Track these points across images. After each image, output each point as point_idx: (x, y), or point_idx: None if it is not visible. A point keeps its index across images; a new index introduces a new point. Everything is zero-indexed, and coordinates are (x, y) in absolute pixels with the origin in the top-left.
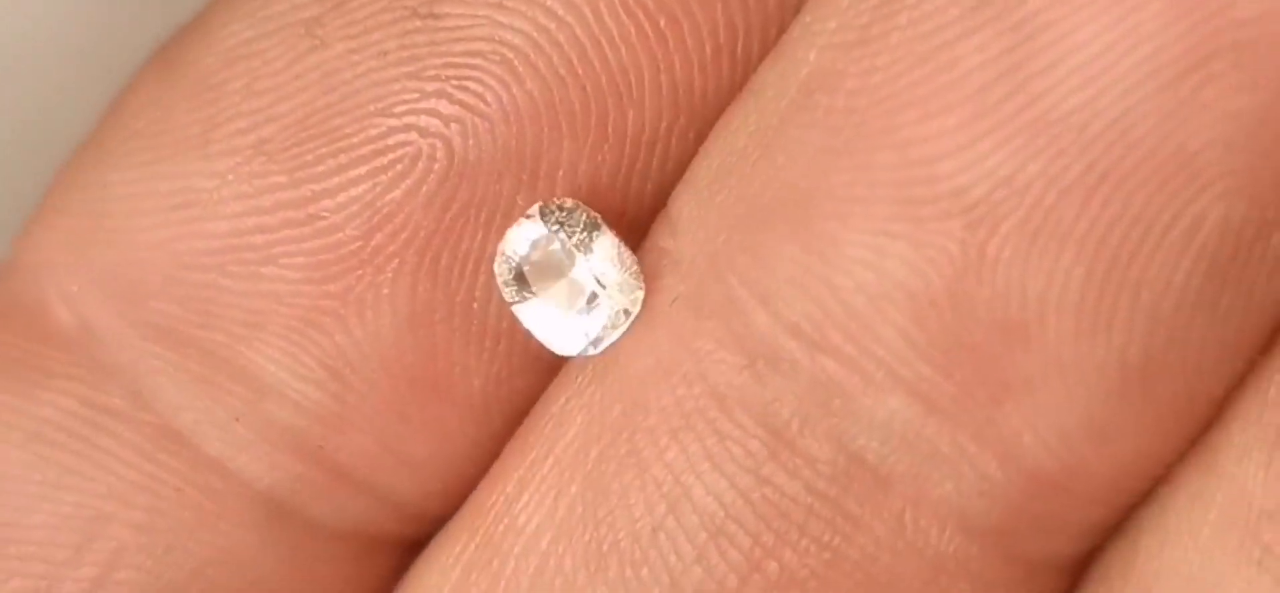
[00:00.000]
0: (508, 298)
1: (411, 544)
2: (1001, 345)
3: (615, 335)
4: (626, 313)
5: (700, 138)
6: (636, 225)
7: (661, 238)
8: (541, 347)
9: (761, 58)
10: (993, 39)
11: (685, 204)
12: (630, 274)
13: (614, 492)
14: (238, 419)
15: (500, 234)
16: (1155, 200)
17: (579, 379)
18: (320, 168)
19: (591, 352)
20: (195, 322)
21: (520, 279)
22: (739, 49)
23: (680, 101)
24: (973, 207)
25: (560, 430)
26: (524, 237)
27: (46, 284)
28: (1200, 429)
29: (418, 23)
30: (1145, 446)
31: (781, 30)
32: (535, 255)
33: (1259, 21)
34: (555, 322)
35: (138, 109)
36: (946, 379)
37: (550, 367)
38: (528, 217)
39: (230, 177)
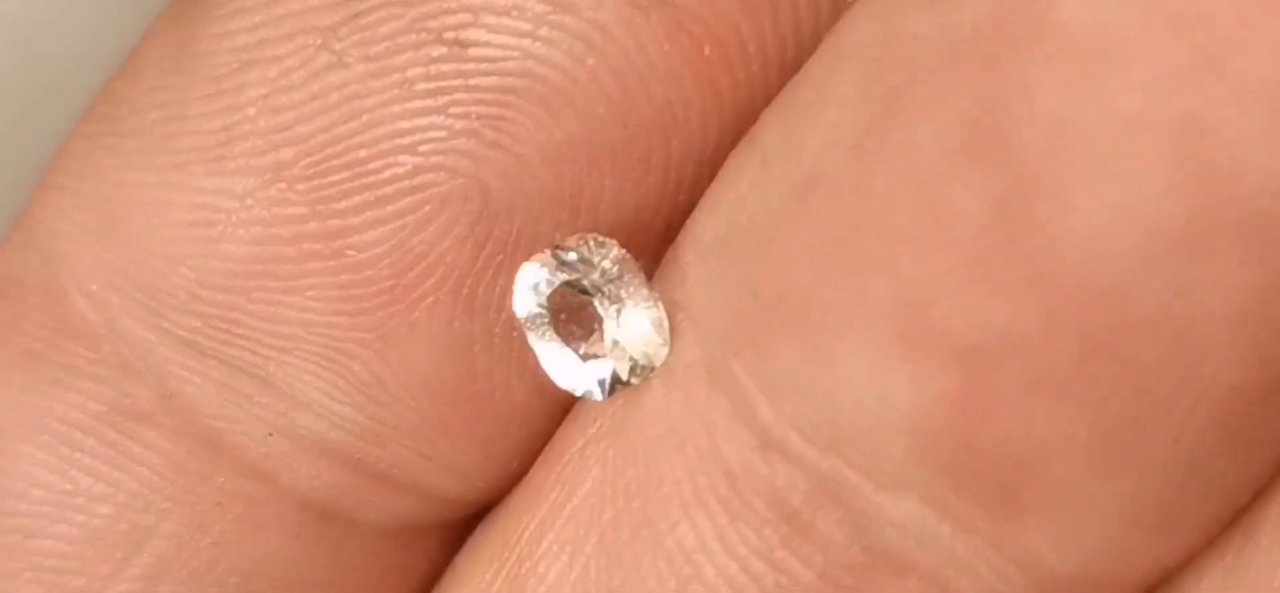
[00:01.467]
0: (526, 333)
1: (455, 525)
2: (1011, 476)
3: (629, 383)
4: (647, 365)
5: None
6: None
7: (672, 287)
8: None
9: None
10: (989, 181)
11: (693, 262)
12: (658, 328)
13: (628, 561)
14: (272, 433)
15: None
16: (1158, 368)
17: (598, 423)
18: (344, 204)
19: (599, 396)
20: (221, 339)
21: (537, 316)
22: (789, 57)
23: (727, 122)
24: (968, 354)
25: (578, 478)
26: (538, 280)
27: (65, 275)
28: (1217, 536)
29: (443, 50)
30: (1163, 560)
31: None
32: (554, 296)
33: (1263, 196)
34: (568, 362)
35: (150, 99)
36: (958, 494)
37: None
38: (552, 253)
39: (249, 200)
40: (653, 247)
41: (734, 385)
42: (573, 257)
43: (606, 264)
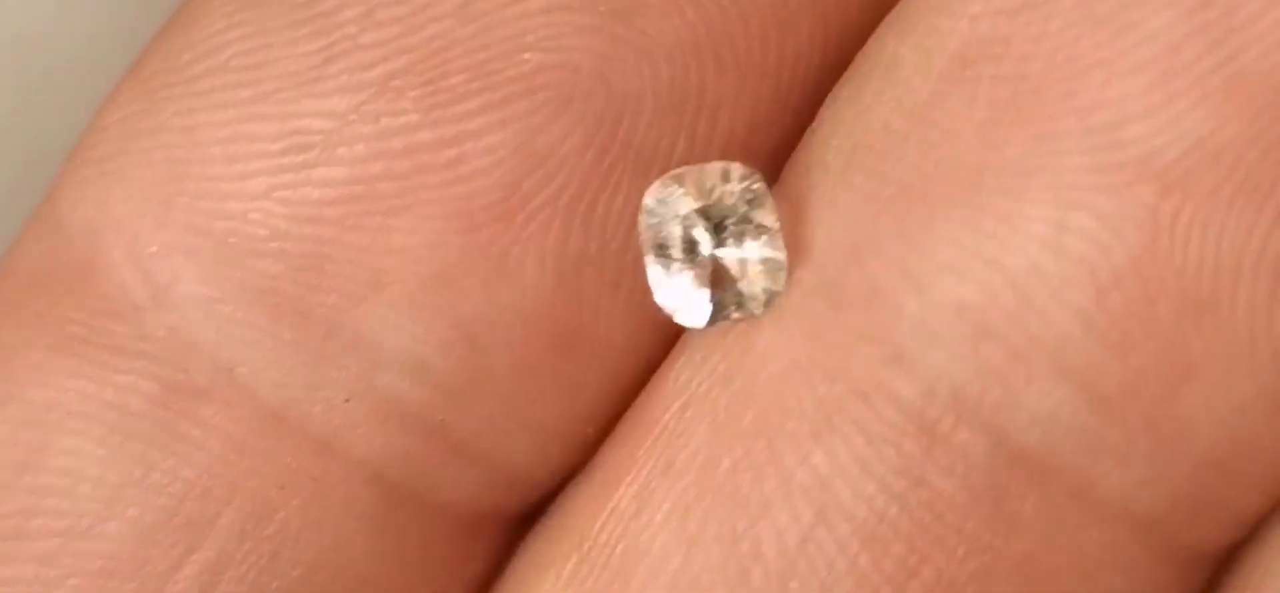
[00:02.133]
0: (648, 265)
1: (518, 518)
2: (1189, 319)
3: (745, 315)
4: (765, 295)
5: (840, 72)
6: (782, 164)
7: (788, 213)
8: None
9: None
10: None
11: (812, 186)
12: (781, 257)
13: (754, 502)
14: (349, 399)
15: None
16: None
17: (696, 383)
18: (462, 107)
19: (715, 320)
20: (306, 283)
21: (659, 238)
22: None
23: (831, 37)
24: (1166, 170)
25: (679, 441)
26: (665, 200)
27: (110, 245)
28: None
29: None
30: None
31: None
32: (679, 219)
33: None
34: (687, 293)
35: (219, 42)
36: (1122, 365)
37: (681, 332)
38: (678, 175)
39: (352, 117)
40: (762, 167)
41: (870, 292)
42: (707, 182)
43: (735, 190)
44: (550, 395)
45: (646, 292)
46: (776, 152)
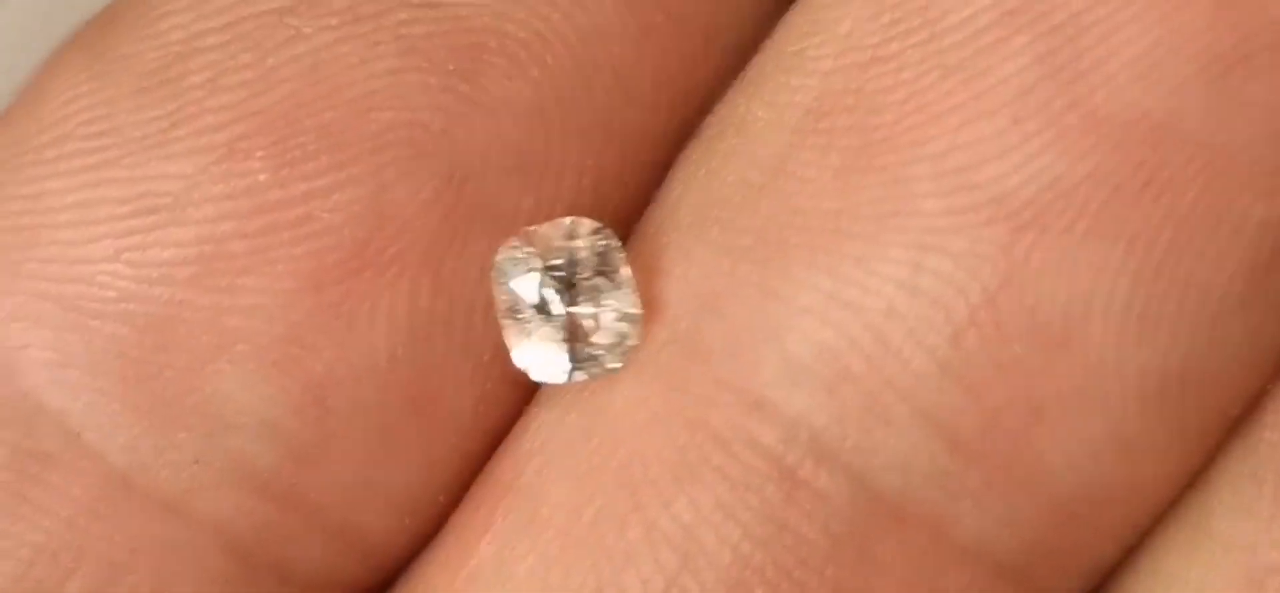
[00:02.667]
0: (503, 326)
1: (375, 590)
2: (1042, 358)
3: (602, 370)
4: (621, 349)
5: (688, 137)
6: (630, 228)
7: (642, 267)
8: None
9: (748, 55)
10: (1030, 44)
11: (665, 242)
12: (635, 309)
13: (618, 553)
14: (197, 461)
15: (507, 237)
16: (1204, 198)
17: (555, 440)
18: (310, 165)
19: (577, 377)
20: (154, 345)
21: (512, 298)
22: (729, 42)
23: (676, 98)
24: (1019, 210)
25: (540, 497)
26: (515, 260)
27: None
28: (1212, 451)
29: (410, 12)
30: (1164, 463)
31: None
32: (531, 278)
33: None
34: (541, 351)
35: (65, 111)
36: (977, 405)
37: (533, 392)
38: (529, 234)
39: (200, 178)
40: (612, 228)
41: (728, 341)
42: (556, 240)
43: (584, 245)
44: (402, 459)
45: (498, 351)
46: (626, 214)
